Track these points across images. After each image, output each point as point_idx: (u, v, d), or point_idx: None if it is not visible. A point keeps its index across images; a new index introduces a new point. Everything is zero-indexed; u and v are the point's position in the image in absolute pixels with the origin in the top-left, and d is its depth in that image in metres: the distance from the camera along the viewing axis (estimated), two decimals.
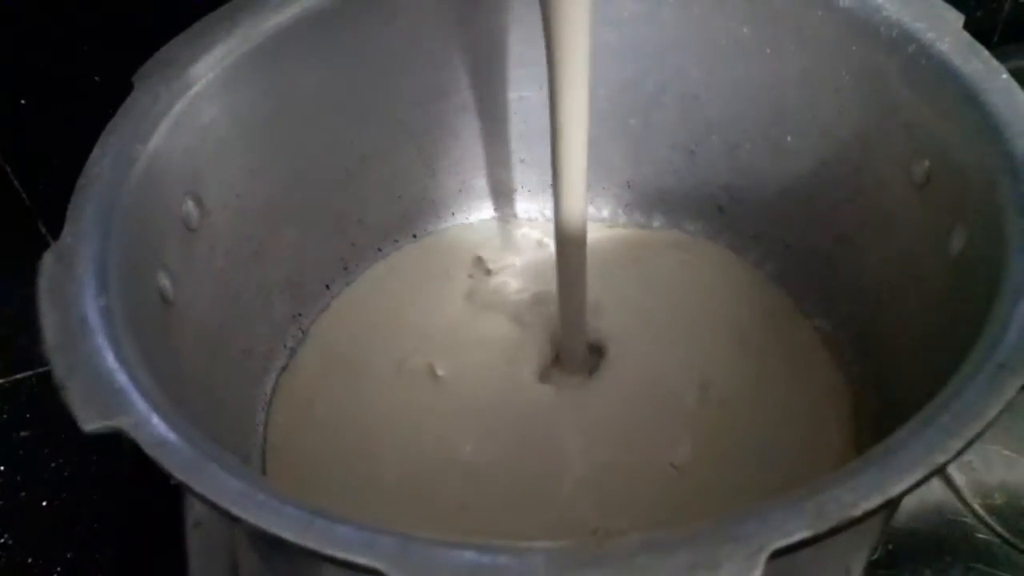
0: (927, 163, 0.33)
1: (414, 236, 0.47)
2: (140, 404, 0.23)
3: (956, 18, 0.32)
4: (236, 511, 0.21)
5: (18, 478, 0.44)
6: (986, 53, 0.31)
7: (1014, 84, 0.30)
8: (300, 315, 0.43)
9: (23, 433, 0.46)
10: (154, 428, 0.22)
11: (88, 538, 0.43)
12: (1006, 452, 0.41)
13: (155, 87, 0.33)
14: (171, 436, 0.22)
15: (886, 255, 0.36)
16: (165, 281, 0.31)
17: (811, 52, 0.37)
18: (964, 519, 0.39)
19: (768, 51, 0.39)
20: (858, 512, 0.19)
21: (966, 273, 0.29)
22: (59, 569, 0.42)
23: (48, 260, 0.26)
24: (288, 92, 0.38)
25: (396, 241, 0.46)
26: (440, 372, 0.40)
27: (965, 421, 0.21)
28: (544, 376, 0.40)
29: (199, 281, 0.34)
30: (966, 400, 0.22)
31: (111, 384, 0.23)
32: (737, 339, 0.41)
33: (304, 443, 0.38)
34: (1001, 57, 0.54)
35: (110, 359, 0.24)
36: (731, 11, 0.39)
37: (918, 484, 0.20)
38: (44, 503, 0.44)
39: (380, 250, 0.46)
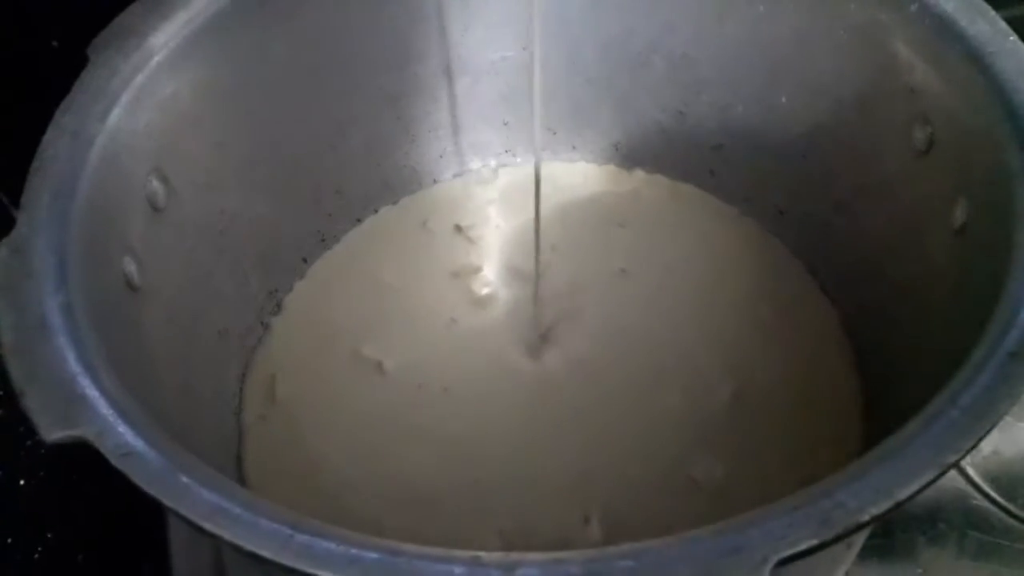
0: (929, 129, 0.32)
1: (394, 203, 0.45)
2: (104, 411, 0.22)
3: None
4: (210, 527, 0.19)
5: None
6: (992, 13, 0.29)
7: (1022, 47, 0.28)
8: (276, 290, 0.42)
9: None
10: (120, 437, 0.21)
11: (68, 518, 0.42)
12: None
13: (112, 59, 0.31)
14: (139, 444, 0.21)
15: (885, 224, 0.35)
16: (131, 266, 0.30)
17: (807, 9, 0.35)
18: (959, 486, 0.39)
19: (761, 8, 0.37)
20: (865, 518, 0.18)
21: (970, 247, 0.28)
22: (39, 549, 0.41)
23: (2, 254, 0.25)
24: (256, 60, 0.36)
25: (376, 211, 0.45)
26: (415, 353, 0.39)
27: (975, 417, 0.20)
28: (532, 353, 0.39)
29: (168, 263, 0.33)
30: (975, 393, 0.21)
31: (73, 390, 0.22)
32: (752, 314, 0.39)
33: (272, 425, 0.37)
34: (999, 4, 0.53)
35: (71, 362, 0.22)
36: None
37: (926, 486, 0.19)
38: (22, 482, 0.43)
39: (359, 220, 0.44)
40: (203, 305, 0.36)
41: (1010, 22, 0.30)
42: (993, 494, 0.38)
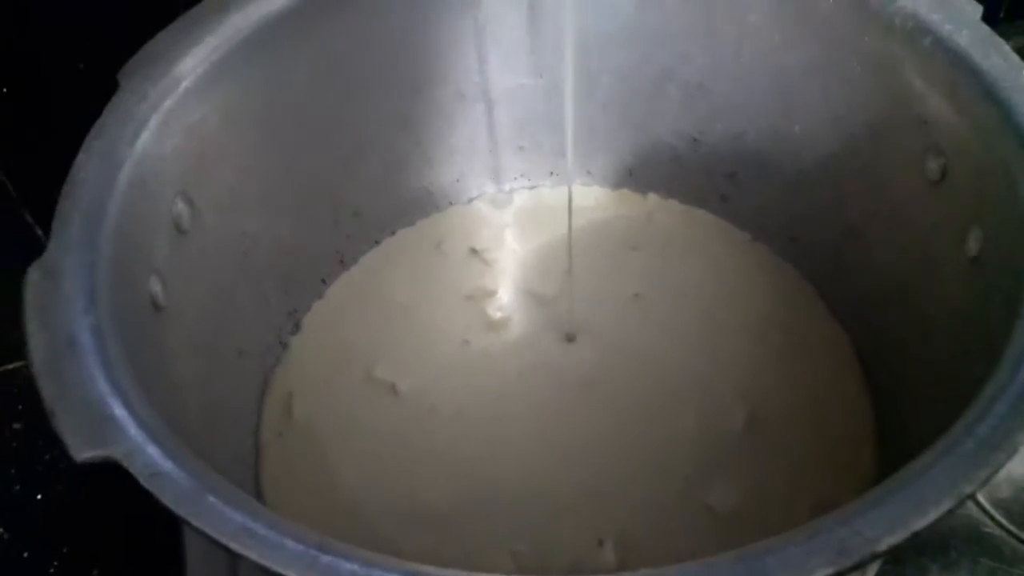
0: (942, 159, 0.32)
1: (411, 226, 0.45)
2: (133, 432, 0.22)
3: (975, 10, 0.31)
4: (236, 547, 0.20)
5: (12, 471, 0.44)
6: (1007, 48, 0.30)
7: None
8: (295, 310, 0.42)
9: (15, 425, 0.45)
10: (148, 457, 0.22)
11: (84, 532, 0.42)
12: None
13: (142, 85, 0.31)
14: (167, 465, 0.21)
15: (898, 252, 0.35)
16: (157, 286, 0.30)
17: (821, 41, 0.36)
18: (970, 513, 0.39)
19: (776, 38, 0.38)
20: (882, 547, 0.19)
21: (984, 277, 0.29)
22: (55, 563, 0.41)
23: (34, 276, 0.25)
24: (280, 85, 0.36)
25: (393, 233, 0.45)
26: (428, 374, 0.39)
27: (991, 448, 0.20)
28: (545, 377, 0.39)
29: (191, 283, 0.33)
30: (991, 424, 0.21)
31: (103, 411, 0.22)
32: (761, 339, 0.40)
33: (289, 443, 0.38)
34: (1007, 33, 0.53)
35: (101, 383, 0.23)
36: None
37: (944, 516, 0.19)
38: (39, 496, 0.43)
39: (377, 242, 0.45)
40: (224, 325, 0.36)
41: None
42: (1004, 522, 0.38)
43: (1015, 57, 0.29)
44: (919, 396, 0.34)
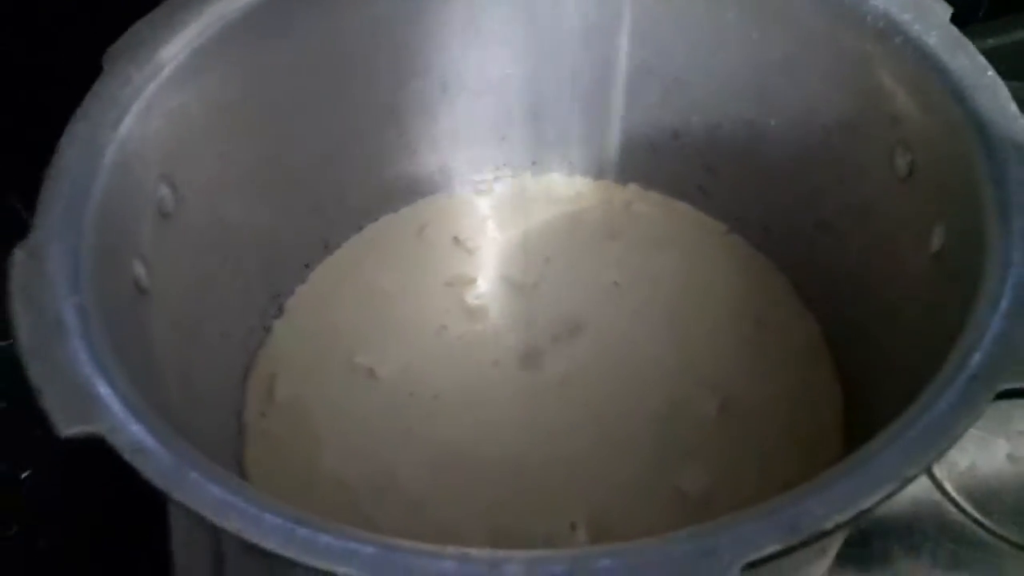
0: (910, 156, 0.33)
1: (394, 212, 0.46)
2: (118, 409, 0.23)
3: (944, 10, 0.32)
4: (216, 519, 0.21)
5: None
6: (972, 48, 0.31)
7: (1000, 83, 0.29)
8: (279, 294, 0.43)
9: (1, 404, 0.46)
10: (132, 434, 0.22)
11: (69, 511, 0.43)
12: (978, 433, 0.41)
13: (125, 69, 0.32)
14: (150, 441, 0.22)
15: (867, 244, 0.36)
16: (140, 269, 0.31)
17: (797, 38, 0.37)
18: (935, 499, 0.40)
19: (754, 36, 0.38)
20: (830, 525, 0.20)
21: (946, 272, 0.29)
22: (41, 542, 0.42)
23: (19, 258, 0.26)
24: (262, 73, 0.37)
25: (376, 219, 0.46)
26: (407, 359, 0.40)
27: (935, 435, 0.21)
28: (521, 363, 0.40)
29: (174, 267, 0.34)
30: (937, 413, 0.22)
31: (88, 389, 0.23)
32: (734, 327, 0.41)
33: (271, 424, 0.38)
34: (986, 32, 0.54)
35: (86, 362, 0.24)
36: None
37: (888, 497, 0.20)
38: (25, 474, 0.44)
39: (360, 228, 0.45)
40: (207, 308, 0.37)
41: (989, 53, 0.31)
42: (968, 508, 0.39)
43: (981, 58, 0.30)
44: (884, 384, 0.35)
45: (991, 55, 0.31)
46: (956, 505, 0.39)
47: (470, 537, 0.35)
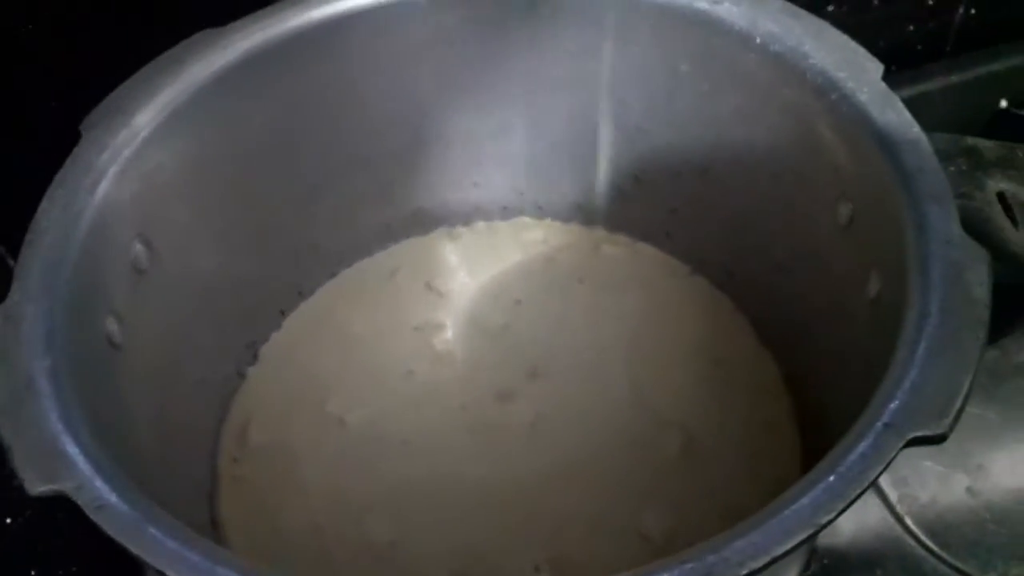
0: (850, 205, 0.34)
1: (368, 257, 0.47)
2: (83, 467, 0.24)
3: (876, 68, 0.33)
4: (171, 573, 0.22)
5: None
6: (900, 105, 0.32)
7: (924, 139, 0.31)
8: (254, 341, 0.44)
9: None
10: (96, 491, 0.24)
11: (52, 556, 0.43)
12: (938, 468, 0.42)
13: (102, 136, 0.33)
14: (111, 498, 0.24)
15: (817, 289, 0.38)
16: (114, 326, 0.32)
17: (745, 91, 0.38)
18: (896, 534, 0.40)
19: (705, 87, 0.40)
20: (743, 572, 0.21)
21: (881, 320, 0.31)
22: None
23: None
24: (236, 130, 0.38)
25: (350, 265, 0.47)
26: (375, 405, 0.41)
27: (849, 482, 0.23)
28: (487, 407, 0.41)
29: (149, 321, 0.35)
30: (853, 460, 0.23)
31: (55, 448, 0.24)
32: (700, 368, 0.42)
33: (245, 469, 0.39)
34: (952, 68, 0.55)
35: (55, 422, 0.25)
36: (669, 48, 0.40)
37: (801, 544, 0.21)
38: (8, 520, 0.44)
39: (334, 274, 0.47)
40: (183, 357, 0.38)
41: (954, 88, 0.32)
42: (928, 541, 0.40)
43: (907, 114, 0.32)
44: (836, 423, 0.36)
45: (957, 89, 0.32)
46: (916, 539, 0.40)
47: None
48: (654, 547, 0.37)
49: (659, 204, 0.46)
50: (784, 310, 0.41)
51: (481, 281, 0.47)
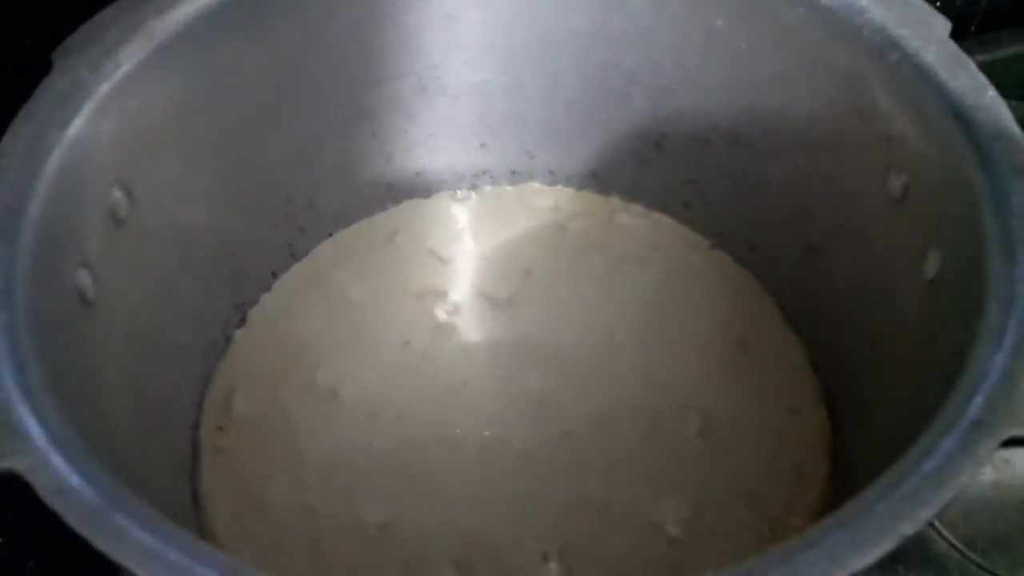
0: (904, 177, 0.32)
1: (367, 219, 0.44)
2: (40, 443, 0.21)
3: (943, 26, 0.30)
4: (141, 571, 0.19)
5: None
6: (973, 67, 0.29)
7: (1001, 102, 0.28)
8: (243, 303, 0.41)
9: None
10: (54, 471, 0.20)
11: (19, 522, 0.40)
12: None
13: (76, 67, 0.30)
14: (73, 480, 0.20)
15: (857, 268, 0.35)
16: (86, 280, 0.29)
17: (788, 51, 0.35)
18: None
19: (743, 46, 0.37)
20: None
21: (941, 302, 0.28)
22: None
23: None
24: (229, 73, 0.35)
25: (347, 225, 0.44)
26: (370, 378, 0.38)
27: (936, 487, 0.20)
28: (490, 383, 0.38)
29: (128, 276, 0.32)
30: (938, 461, 0.20)
31: (8, 419, 0.21)
32: (716, 348, 0.39)
33: (229, 441, 0.37)
34: (979, 47, 0.53)
35: (10, 388, 0.22)
36: (705, 1, 0.36)
37: (881, 556, 0.19)
38: None
39: (330, 234, 0.44)
40: (164, 319, 0.35)
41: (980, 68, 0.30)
42: (952, 539, 0.38)
43: (981, 76, 0.29)
44: (874, 414, 0.34)
45: (983, 71, 0.29)
46: (940, 534, 0.38)
47: (436, 565, 0.34)
48: (670, 537, 0.34)
49: (681, 173, 0.43)
50: (814, 289, 0.39)
51: (487, 249, 0.44)
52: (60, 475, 0.20)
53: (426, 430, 0.37)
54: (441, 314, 0.41)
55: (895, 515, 0.19)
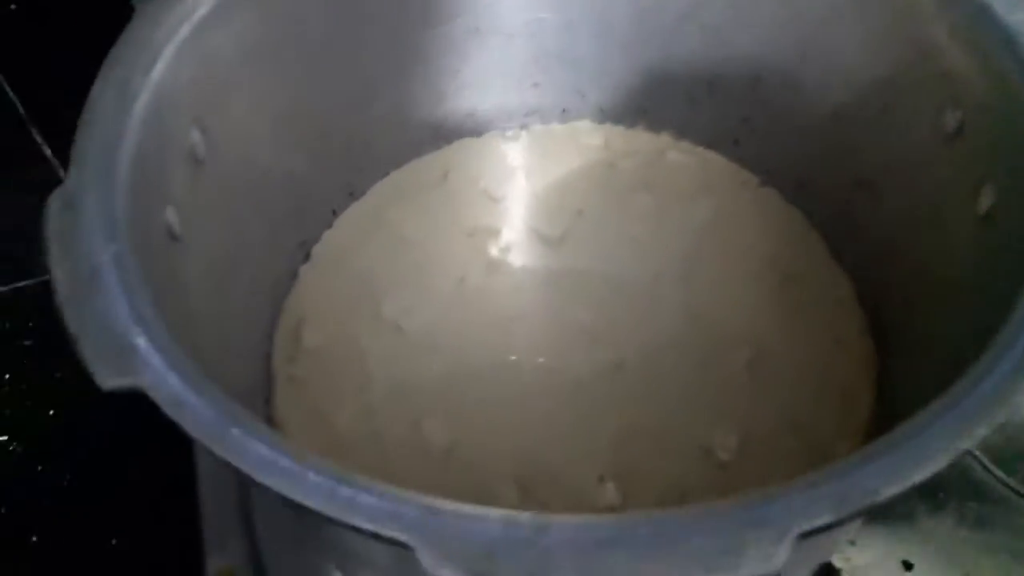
0: (960, 113, 0.32)
1: (420, 158, 0.45)
2: (157, 362, 0.23)
3: None
4: (260, 477, 0.21)
5: (23, 387, 0.44)
6: None
7: None
8: (306, 241, 0.42)
9: (27, 342, 0.46)
10: (172, 388, 0.22)
11: (97, 447, 0.43)
12: None
13: (157, 12, 0.31)
14: (189, 396, 0.22)
15: (908, 204, 0.35)
16: (173, 216, 0.31)
17: None
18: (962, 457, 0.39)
19: None
20: (880, 499, 0.19)
21: (994, 236, 0.29)
22: (68, 477, 0.42)
23: (55, 206, 0.25)
24: (293, 16, 0.36)
25: (402, 165, 0.45)
26: (430, 312, 0.40)
27: (991, 404, 0.21)
28: (544, 316, 0.40)
29: (206, 213, 0.33)
30: (993, 382, 0.22)
31: (127, 341, 0.23)
32: (765, 283, 0.40)
33: (300, 370, 0.38)
34: None
35: (125, 314, 0.23)
36: None
37: (940, 470, 0.20)
38: (51, 412, 0.44)
39: (386, 174, 0.45)
40: (238, 254, 0.36)
41: None
42: (993, 467, 0.39)
43: None
44: (922, 349, 0.34)
45: None
46: (981, 464, 0.39)
47: (498, 489, 0.35)
48: (720, 463, 0.36)
49: (732, 111, 0.43)
50: (863, 226, 0.39)
51: (538, 187, 0.44)
52: (177, 391, 0.22)
53: (483, 359, 0.38)
54: (494, 251, 0.42)
55: (952, 432, 0.21)
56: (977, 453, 0.40)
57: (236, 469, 0.21)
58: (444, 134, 0.45)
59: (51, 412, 0.44)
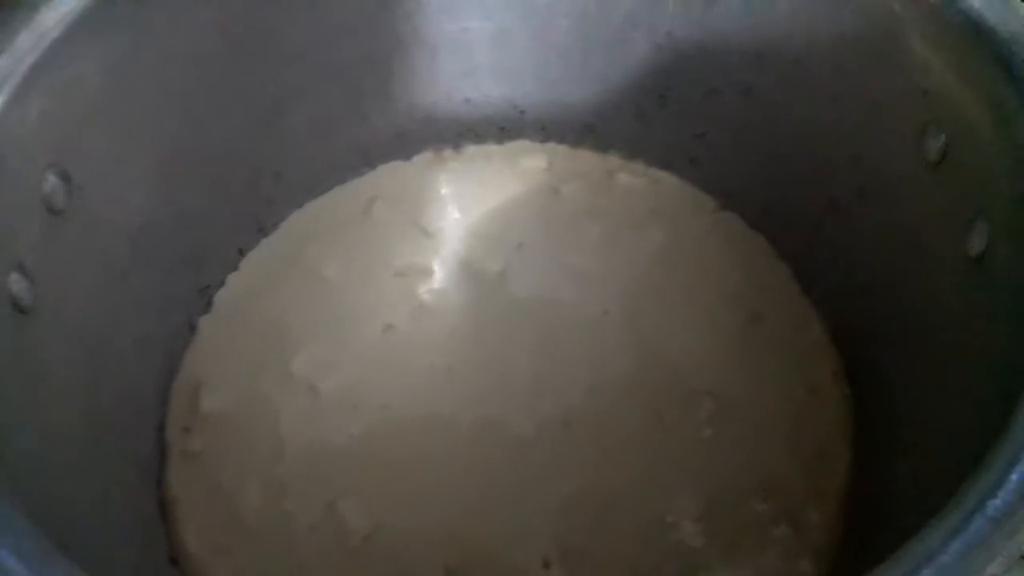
0: (944, 137, 0.29)
1: (341, 186, 0.41)
2: None
3: None
4: None
5: None
6: None
7: None
8: (208, 286, 0.38)
9: None
10: None
11: None
12: None
13: None
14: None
15: (887, 235, 0.32)
16: (19, 285, 0.26)
17: None
18: None
19: None
20: None
21: (990, 280, 0.25)
22: None
23: None
24: (177, 32, 0.32)
25: (320, 195, 0.41)
26: (350, 366, 0.35)
27: (1010, 533, 0.17)
28: (479, 370, 0.35)
29: (70, 272, 0.29)
30: (1006, 498, 0.17)
31: None
32: (731, 321, 0.37)
33: (197, 442, 0.34)
34: None
35: None
36: None
37: None
38: None
39: (301, 207, 0.40)
40: (117, 313, 0.32)
41: None
42: None
43: None
44: (902, 397, 0.31)
45: None
46: None
47: (426, 572, 0.31)
48: (683, 535, 0.32)
49: (686, 127, 0.40)
50: (835, 258, 0.36)
51: (473, 218, 0.40)
52: None
53: (413, 420, 0.35)
54: (424, 293, 0.38)
55: (966, 567, 0.16)
56: None
57: None
58: (368, 158, 0.41)
59: None
